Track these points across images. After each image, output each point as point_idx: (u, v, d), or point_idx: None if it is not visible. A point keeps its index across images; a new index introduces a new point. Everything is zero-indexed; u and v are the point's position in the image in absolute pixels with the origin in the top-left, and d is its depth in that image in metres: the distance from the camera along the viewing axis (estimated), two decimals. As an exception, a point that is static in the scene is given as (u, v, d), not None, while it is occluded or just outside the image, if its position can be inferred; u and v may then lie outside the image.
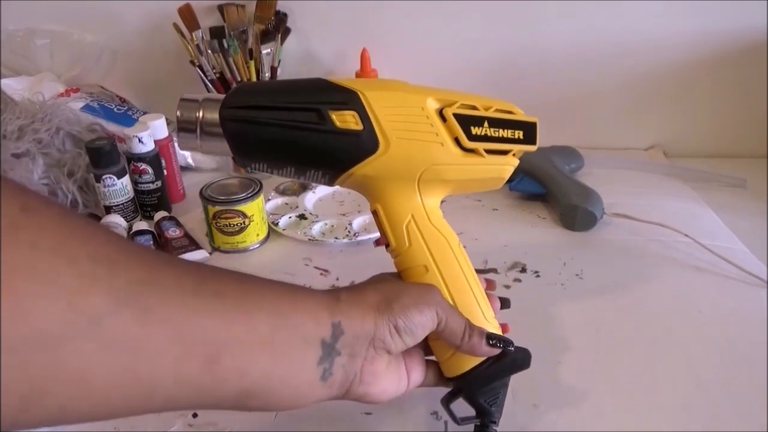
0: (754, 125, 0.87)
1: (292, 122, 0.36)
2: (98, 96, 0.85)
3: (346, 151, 0.37)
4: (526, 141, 0.41)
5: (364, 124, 0.37)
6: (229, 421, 0.42)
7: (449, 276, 0.39)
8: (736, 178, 0.79)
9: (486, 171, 0.41)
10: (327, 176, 0.39)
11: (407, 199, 0.39)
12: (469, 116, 0.39)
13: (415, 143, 0.38)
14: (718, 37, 0.82)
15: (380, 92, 0.38)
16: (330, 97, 0.37)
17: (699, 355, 0.47)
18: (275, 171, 0.39)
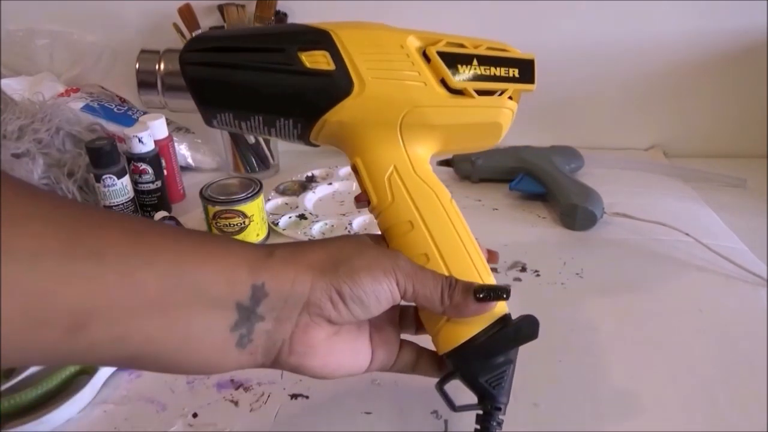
0: (754, 125, 0.87)
1: (257, 63, 0.34)
2: (98, 96, 0.85)
3: (317, 93, 0.34)
4: (523, 79, 0.37)
5: (336, 63, 0.34)
6: (229, 421, 0.42)
7: (439, 233, 0.35)
8: (736, 178, 0.79)
9: (478, 114, 0.37)
10: (299, 126, 0.36)
11: (389, 148, 0.36)
12: (456, 54, 0.35)
13: (393, 83, 0.34)
14: (718, 37, 0.82)
15: (354, 30, 0.35)
16: (299, 37, 0.34)
17: (699, 354, 0.47)
18: (243, 124, 0.36)
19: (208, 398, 0.44)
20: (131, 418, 0.43)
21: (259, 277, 0.28)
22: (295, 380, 0.45)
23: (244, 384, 0.45)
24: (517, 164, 0.77)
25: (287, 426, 0.42)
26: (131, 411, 0.43)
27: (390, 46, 0.35)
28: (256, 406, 0.43)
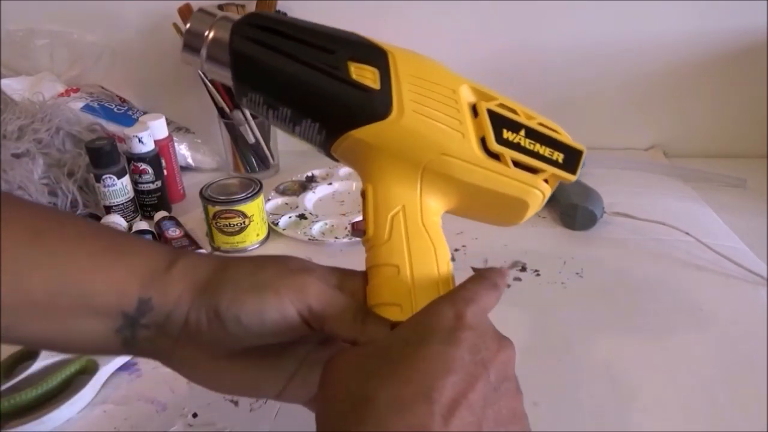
0: (754, 125, 0.87)
1: (304, 57, 0.33)
2: (98, 96, 0.85)
3: (352, 106, 0.32)
4: (565, 167, 0.35)
5: (382, 84, 0.32)
6: (228, 421, 0.42)
7: (422, 291, 0.32)
8: (736, 178, 0.79)
9: (507, 185, 0.34)
10: (323, 132, 0.34)
11: (404, 186, 0.34)
12: (506, 118, 0.34)
13: (431, 123, 0.33)
14: (718, 37, 0.82)
15: (414, 58, 0.34)
16: (355, 48, 0.33)
17: (699, 353, 0.47)
18: (270, 111, 0.35)
19: (208, 398, 0.44)
20: (131, 418, 0.43)
21: (148, 291, 0.29)
22: (295, 380, 0.45)
23: (244, 384, 0.45)
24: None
25: (287, 426, 0.42)
26: (131, 411, 0.43)
27: (442, 87, 0.33)
28: (256, 406, 0.43)
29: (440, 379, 0.24)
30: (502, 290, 0.31)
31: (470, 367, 0.25)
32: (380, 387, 0.24)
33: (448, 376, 0.24)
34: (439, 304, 0.28)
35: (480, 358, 0.26)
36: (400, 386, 0.24)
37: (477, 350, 0.26)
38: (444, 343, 0.26)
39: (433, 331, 0.27)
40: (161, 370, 0.47)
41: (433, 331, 0.26)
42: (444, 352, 0.25)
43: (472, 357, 0.26)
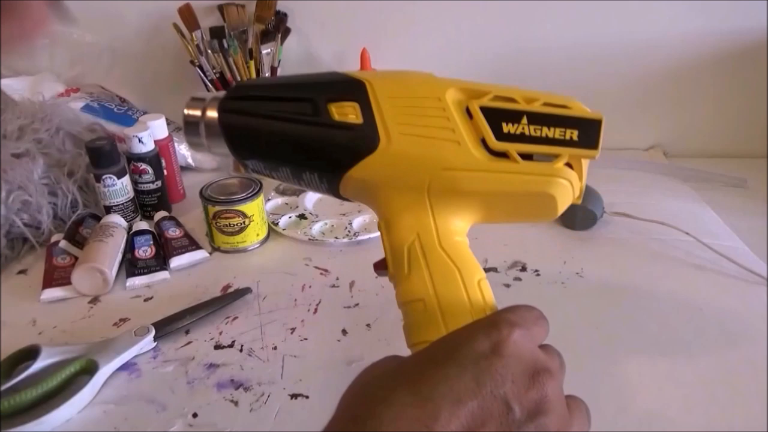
0: (754, 125, 0.87)
1: (286, 114, 0.33)
2: (98, 96, 0.85)
3: (342, 147, 0.32)
4: (583, 143, 0.31)
5: (364, 116, 0.31)
6: (229, 421, 0.42)
7: (453, 318, 0.30)
8: (736, 178, 0.79)
9: (522, 183, 0.31)
10: (325, 180, 0.34)
11: (414, 214, 0.32)
12: (502, 110, 0.31)
13: (421, 140, 0.31)
14: (718, 37, 0.82)
15: (391, 81, 0.32)
16: (332, 88, 0.33)
17: (699, 353, 0.47)
18: (273, 172, 0.36)
19: (208, 398, 0.44)
20: (131, 418, 0.43)
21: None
22: (295, 380, 0.45)
23: (244, 384, 0.45)
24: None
25: (287, 426, 0.42)
26: (131, 411, 0.43)
27: (426, 98, 0.31)
28: (256, 406, 0.43)
29: (446, 408, 0.23)
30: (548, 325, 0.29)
31: (486, 400, 0.24)
32: (385, 405, 0.24)
33: (456, 406, 0.23)
34: (476, 326, 0.27)
35: (502, 392, 0.24)
36: (404, 408, 0.23)
37: (501, 382, 0.24)
38: (462, 368, 0.24)
39: (459, 353, 0.25)
40: (161, 370, 0.47)
41: (459, 354, 0.25)
42: (459, 378, 0.24)
43: (492, 389, 0.24)
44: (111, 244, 0.60)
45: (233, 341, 0.50)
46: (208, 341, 0.50)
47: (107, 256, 0.58)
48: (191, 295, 0.56)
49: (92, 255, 0.58)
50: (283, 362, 0.47)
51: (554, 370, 0.27)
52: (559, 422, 0.25)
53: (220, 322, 0.53)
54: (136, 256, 0.61)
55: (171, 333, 0.51)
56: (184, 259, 0.62)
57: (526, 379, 0.25)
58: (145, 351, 0.49)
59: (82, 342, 0.49)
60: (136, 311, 0.55)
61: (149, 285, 0.59)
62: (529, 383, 0.25)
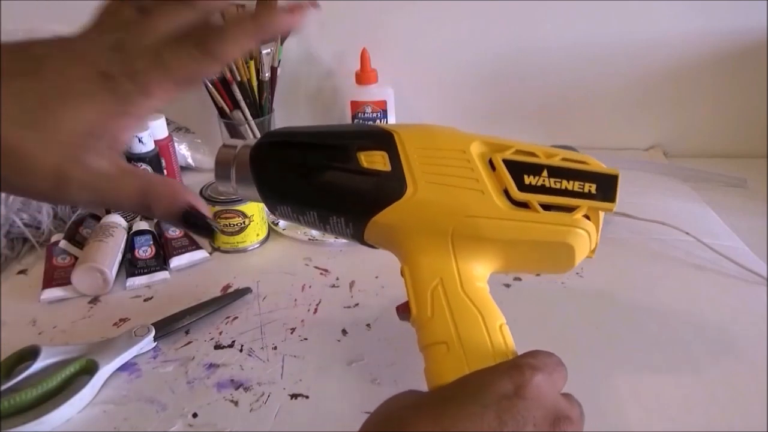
0: (754, 125, 0.87)
1: (318, 161, 0.34)
2: (98, 96, 0.85)
3: (370, 193, 0.33)
4: (601, 196, 0.34)
5: (392, 165, 0.33)
6: (229, 421, 0.42)
7: (476, 361, 0.30)
8: (736, 178, 0.79)
9: (542, 232, 0.33)
10: (351, 225, 0.35)
11: (438, 259, 0.33)
12: (524, 163, 0.33)
13: (447, 189, 0.33)
14: (718, 37, 0.82)
15: (419, 132, 0.34)
16: (362, 137, 0.34)
17: (699, 353, 0.47)
18: (300, 218, 0.36)
19: (208, 398, 0.44)
20: (131, 418, 0.43)
21: None
22: (295, 380, 0.45)
23: (244, 384, 0.45)
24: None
25: (287, 426, 0.42)
26: (131, 411, 0.43)
27: (451, 150, 0.33)
28: (256, 406, 0.43)
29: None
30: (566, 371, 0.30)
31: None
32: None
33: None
34: (499, 368, 0.27)
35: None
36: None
37: (523, 424, 0.25)
38: (485, 407, 0.25)
39: (482, 392, 0.26)
40: (161, 370, 0.47)
41: (482, 393, 0.26)
42: (482, 417, 0.24)
43: (513, 428, 0.24)
44: (111, 244, 0.61)
45: (233, 341, 0.50)
46: (208, 341, 0.50)
47: (107, 256, 0.58)
48: (191, 295, 0.56)
49: (92, 255, 0.58)
50: (283, 362, 0.48)
51: (575, 418, 0.27)
52: None
53: (220, 322, 0.53)
54: (136, 256, 0.61)
55: (171, 333, 0.51)
56: (184, 259, 0.62)
57: (547, 424, 0.25)
58: (145, 351, 0.49)
59: (82, 342, 0.49)
60: (136, 311, 0.55)
61: (149, 285, 0.59)
62: (549, 428, 0.25)
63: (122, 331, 0.50)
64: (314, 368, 0.47)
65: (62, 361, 0.45)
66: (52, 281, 0.58)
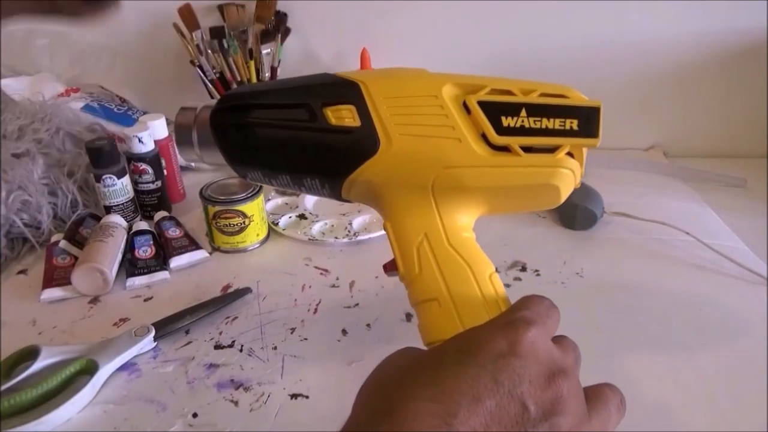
0: (754, 125, 0.87)
1: (281, 121, 0.32)
2: (98, 96, 0.85)
3: (341, 152, 0.32)
4: (584, 132, 0.32)
5: (362, 119, 0.31)
6: (229, 421, 0.42)
7: (468, 315, 0.30)
8: (736, 178, 0.79)
9: (526, 176, 0.31)
10: (327, 185, 0.34)
11: (420, 214, 0.32)
12: (500, 103, 0.31)
13: (422, 140, 0.31)
14: (718, 37, 0.82)
15: (386, 80, 0.32)
16: (326, 91, 0.32)
17: (699, 353, 0.47)
18: (272, 181, 0.35)
19: (208, 398, 0.44)
20: (131, 418, 0.43)
21: None
22: (295, 380, 0.45)
23: (244, 384, 0.45)
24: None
25: (287, 426, 0.42)
26: (131, 411, 0.43)
27: (422, 97, 0.31)
28: (256, 406, 0.43)
29: (465, 406, 0.23)
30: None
31: (504, 399, 0.24)
32: (405, 402, 0.24)
33: (475, 404, 0.23)
34: (494, 326, 0.27)
35: (519, 392, 0.24)
36: (425, 404, 0.23)
37: (519, 382, 0.25)
38: (481, 367, 0.25)
39: (478, 352, 0.26)
40: (161, 370, 0.47)
41: (478, 353, 0.26)
42: (478, 377, 0.24)
43: (510, 388, 0.24)
44: (111, 244, 0.60)
45: (233, 341, 0.50)
46: (208, 341, 0.50)
47: (107, 256, 0.58)
48: (191, 295, 0.56)
49: (92, 255, 0.58)
50: (283, 362, 0.48)
51: (569, 368, 0.27)
52: (573, 422, 0.25)
53: (220, 322, 0.53)
54: (136, 256, 0.61)
55: (171, 333, 0.51)
56: (184, 259, 0.62)
57: (542, 380, 0.26)
58: (145, 351, 0.49)
59: (82, 342, 0.49)
60: (136, 311, 0.55)
61: (149, 285, 0.59)
62: (545, 384, 0.25)
63: (122, 331, 0.50)
64: (314, 368, 0.47)
65: (62, 361, 0.45)
66: (52, 281, 0.58)
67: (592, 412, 0.27)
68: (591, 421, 0.27)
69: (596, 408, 0.28)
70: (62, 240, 0.62)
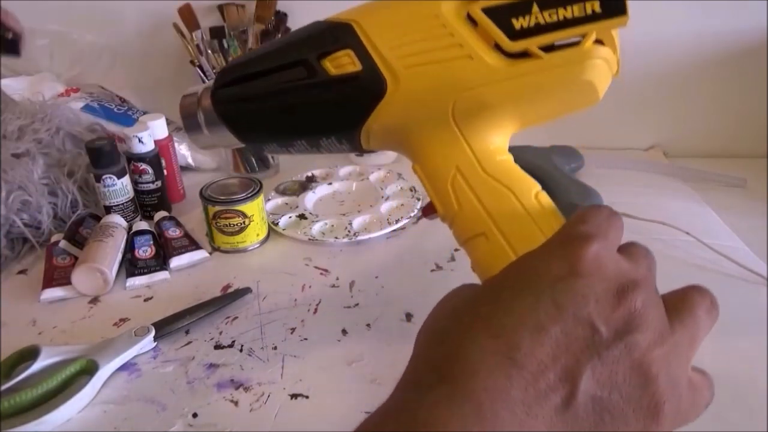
0: (754, 125, 0.87)
1: (281, 84, 0.30)
2: (98, 96, 0.85)
3: (350, 101, 0.30)
4: (608, 13, 0.27)
5: (362, 61, 0.29)
6: (229, 421, 0.42)
7: (521, 244, 0.28)
8: (736, 178, 0.78)
9: (553, 78, 0.28)
10: (345, 140, 0.32)
11: (447, 147, 0.29)
12: (507, 5, 0.27)
13: (431, 68, 0.28)
14: (718, 37, 0.82)
15: (379, 13, 0.30)
16: (319, 41, 0.30)
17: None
18: (289, 149, 0.33)
19: (208, 398, 0.44)
20: (131, 418, 0.43)
21: None
22: (295, 380, 0.45)
23: (244, 384, 0.45)
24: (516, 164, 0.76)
25: (287, 426, 0.42)
26: (131, 411, 0.43)
27: (421, 21, 0.28)
28: (256, 406, 0.43)
29: (527, 337, 0.21)
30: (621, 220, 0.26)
31: (569, 324, 0.22)
32: (465, 346, 0.22)
33: (538, 333, 0.21)
34: (550, 247, 0.25)
35: (586, 313, 0.22)
36: (484, 342, 0.22)
37: (584, 303, 0.22)
38: (540, 293, 0.23)
39: (535, 278, 0.23)
40: (161, 370, 0.47)
41: (535, 279, 0.23)
42: (535, 306, 0.22)
43: (575, 311, 0.22)
44: (111, 244, 0.61)
45: (233, 341, 0.50)
46: (208, 341, 0.50)
47: (107, 256, 0.58)
48: (191, 295, 0.56)
49: (92, 255, 0.58)
50: (283, 362, 0.48)
51: (641, 279, 0.24)
52: (652, 337, 0.23)
53: (220, 322, 0.53)
54: (136, 256, 0.61)
55: (171, 333, 0.51)
56: (184, 259, 0.62)
57: (611, 296, 0.23)
58: (145, 351, 0.49)
59: (82, 342, 0.49)
60: (136, 311, 0.55)
61: (149, 285, 0.59)
62: (614, 301, 0.23)
63: (122, 331, 0.50)
64: (314, 368, 0.47)
65: (62, 361, 0.45)
66: (52, 281, 0.58)
67: (676, 322, 0.24)
68: (675, 333, 0.24)
69: (680, 317, 0.25)
70: (62, 240, 0.62)
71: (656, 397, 0.22)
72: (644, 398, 0.22)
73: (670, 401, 0.23)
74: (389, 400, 0.23)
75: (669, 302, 0.25)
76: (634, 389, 0.22)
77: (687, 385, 0.25)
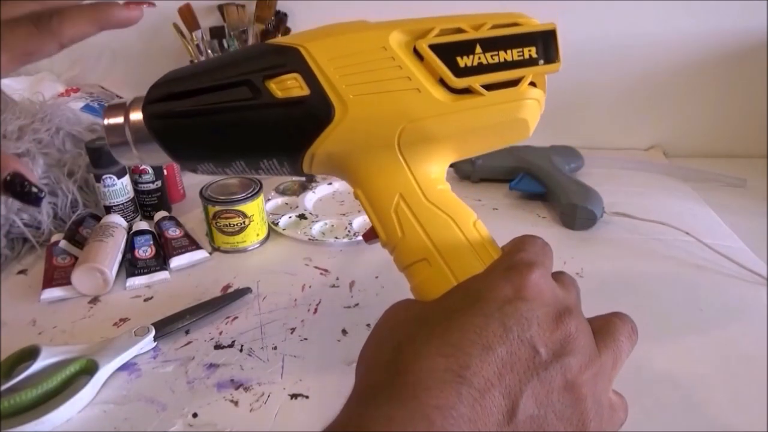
0: (754, 125, 0.87)
1: (221, 104, 0.29)
2: (98, 96, 0.85)
3: (295, 125, 0.29)
4: (543, 59, 0.31)
5: (310, 86, 0.28)
6: (229, 421, 0.42)
7: (461, 267, 0.29)
8: (736, 178, 0.79)
9: (492, 114, 0.30)
10: (286, 163, 0.31)
11: (391, 175, 0.30)
12: (453, 43, 0.29)
13: (379, 98, 0.29)
14: (718, 37, 0.82)
15: (327, 40, 0.30)
16: (265, 62, 0.29)
17: (699, 353, 0.47)
18: (226, 170, 0.32)
19: (208, 398, 0.44)
20: (131, 418, 0.43)
21: None
22: (295, 380, 0.45)
23: (244, 384, 0.45)
24: (517, 164, 0.77)
25: (287, 426, 0.42)
26: (131, 411, 0.43)
27: (370, 52, 0.29)
28: (256, 406, 0.43)
29: (477, 356, 0.23)
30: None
31: (514, 345, 0.24)
32: (417, 358, 0.23)
33: (486, 353, 0.23)
34: (496, 271, 0.27)
35: (529, 336, 0.24)
36: (436, 359, 0.23)
37: (528, 326, 0.24)
38: (488, 315, 0.24)
39: (483, 300, 0.25)
40: (161, 370, 0.47)
41: (484, 301, 0.25)
42: (487, 325, 0.24)
43: (519, 333, 0.24)
44: (111, 244, 0.61)
45: (233, 341, 0.50)
46: (208, 341, 0.50)
47: (107, 256, 0.58)
48: (191, 295, 0.56)
49: (92, 255, 0.58)
50: (283, 362, 0.48)
51: (573, 306, 0.27)
52: (583, 360, 0.25)
53: (220, 322, 0.53)
54: (136, 256, 0.61)
55: (171, 333, 0.51)
56: (184, 259, 0.62)
57: (550, 321, 0.25)
58: (145, 351, 0.49)
59: (82, 342, 0.49)
60: (136, 311, 0.55)
61: (149, 285, 0.59)
62: (553, 325, 0.25)
63: (122, 331, 0.50)
64: (314, 368, 0.47)
65: (62, 361, 0.45)
66: (52, 281, 0.58)
67: (601, 346, 0.27)
68: (601, 356, 0.26)
69: (605, 341, 0.27)
70: (62, 240, 0.62)
71: (584, 416, 0.24)
72: (574, 416, 0.24)
73: (594, 420, 0.25)
74: (343, 413, 0.24)
75: (594, 327, 0.28)
76: (566, 408, 0.24)
77: (608, 405, 0.27)
